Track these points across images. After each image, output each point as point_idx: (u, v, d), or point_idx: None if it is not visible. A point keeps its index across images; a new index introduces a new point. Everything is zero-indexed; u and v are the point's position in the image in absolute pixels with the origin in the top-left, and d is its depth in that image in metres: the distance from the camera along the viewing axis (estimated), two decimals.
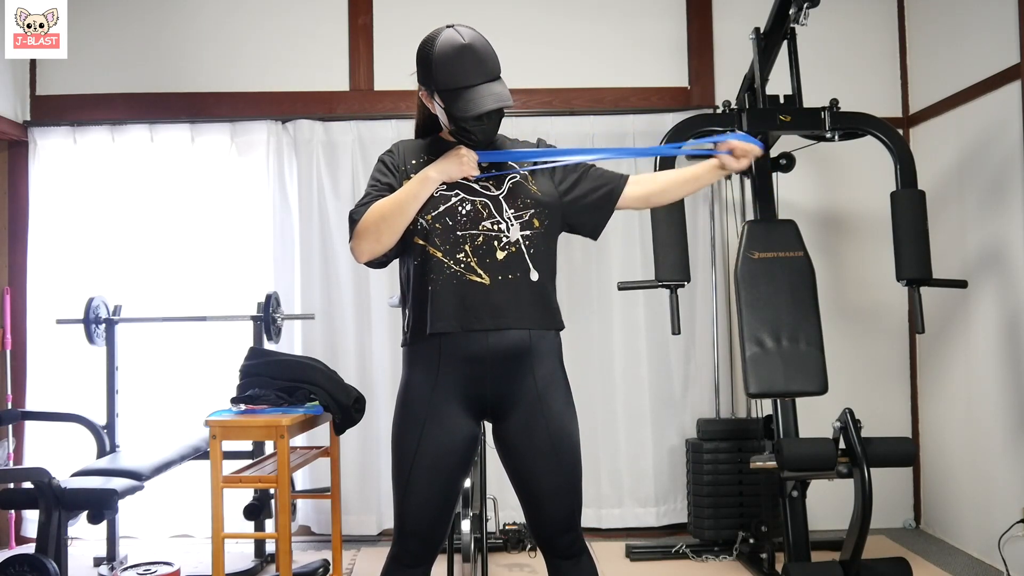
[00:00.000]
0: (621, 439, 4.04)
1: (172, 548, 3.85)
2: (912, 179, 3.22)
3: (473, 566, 2.85)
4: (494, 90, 1.91)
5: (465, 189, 1.96)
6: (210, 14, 4.17)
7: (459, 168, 1.93)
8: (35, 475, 2.77)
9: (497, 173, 1.99)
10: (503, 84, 1.94)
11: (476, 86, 1.90)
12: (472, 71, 1.90)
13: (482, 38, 1.94)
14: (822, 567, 2.87)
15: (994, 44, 3.44)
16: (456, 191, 1.95)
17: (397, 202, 1.91)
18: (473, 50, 1.90)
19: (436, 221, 1.92)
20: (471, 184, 1.97)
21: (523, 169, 2.02)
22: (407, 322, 2.00)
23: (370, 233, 1.92)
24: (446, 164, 1.93)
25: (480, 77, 1.90)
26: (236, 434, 2.85)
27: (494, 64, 1.93)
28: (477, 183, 1.97)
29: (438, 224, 1.92)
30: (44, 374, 4.04)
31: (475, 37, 1.92)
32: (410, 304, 1.99)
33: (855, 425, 2.81)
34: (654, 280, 3.17)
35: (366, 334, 4.04)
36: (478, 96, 1.90)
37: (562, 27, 4.15)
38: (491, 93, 1.90)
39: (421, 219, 1.93)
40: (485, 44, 1.93)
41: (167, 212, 4.11)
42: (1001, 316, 3.44)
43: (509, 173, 1.99)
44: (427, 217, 1.93)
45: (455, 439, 1.93)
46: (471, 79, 1.90)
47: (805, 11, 3.14)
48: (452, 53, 1.90)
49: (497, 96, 1.90)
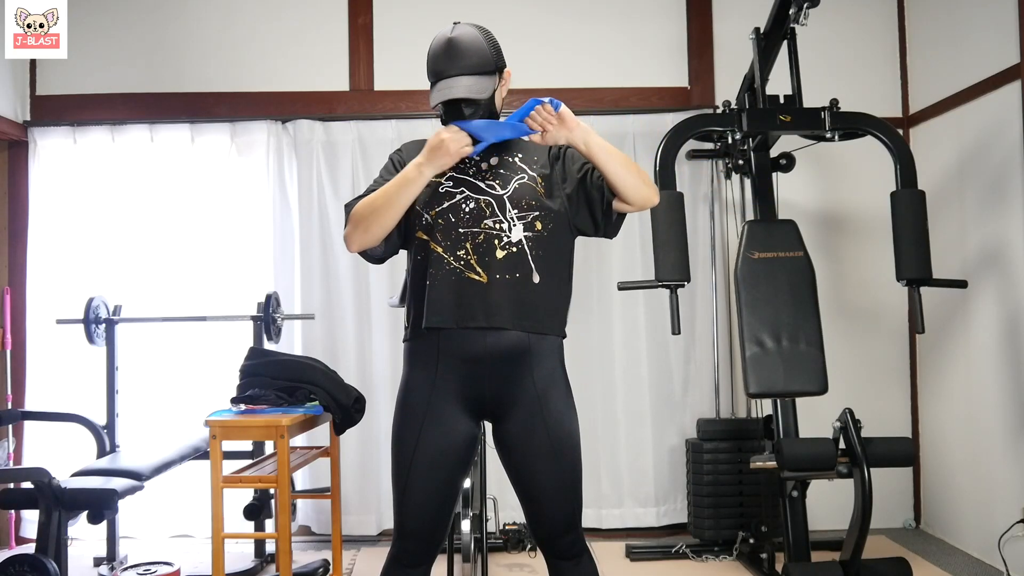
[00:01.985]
0: (621, 439, 4.03)
1: (172, 548, 3.85)
2: (912, 179, 3.22)
3: (473, 566, 2.85)
4: (464, 83, 1.91)
5: (471, 187, 1.96)
6: (210, 14, 4.17)
7: (448, 154, 1.88)
8: (35, 475, 2.77)
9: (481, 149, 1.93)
10: (483, 80, 1.93)
11: (448, 77, 1.91)
12: (448, 63, 1.91)
13: (474, 34, 1.94)
14: (822, 567, 2.87)
15: (994, 44, 3.44)
16: (461, 188, 1.95)
17: (386, 193, 1.92)
18: (455, 43, 1.91)
19: (439, 217, 1.93)
20: (476, 182, 1.96)
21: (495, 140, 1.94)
22: (408, 317, 2.01)
23: (360, 222, 1.93)
24: (434, 155, 1.89)
25: (455, 70, 1.91)
26: (236, 434, 2.85)
27: (477, 59, 1.92)
28: (483, 181, 1.97)
29: (441, 220, 1.93)
30: (44, 374, 4.03)
31: (465, 32, 1.93)
32: (409, 299, 2.00)
33: (855, 425, 2.81)
34: (654, 280, 3.16)
35: (366, 334, 4.04)
36: (446, 87, 1.91)
37: (562, 27, 4.15)
38: (459, 85, 1.90)
39: (425, 214, 1.94)
40: (474, 40, 1.93)
41: (167, 212, 4.11)
42: (1001, 316, 3.44)
43: (516, 173, 1.98)
44: (431, 212, 1.93)
45: (454, 439, 1.93)
46: (447, 71, 1.91)
47: (805, 11, 3.14)
48: (436, 46, 1.94)
49: (465, 88, 1.90)
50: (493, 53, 1.97)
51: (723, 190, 4.10)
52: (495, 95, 1.99)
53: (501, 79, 2.01)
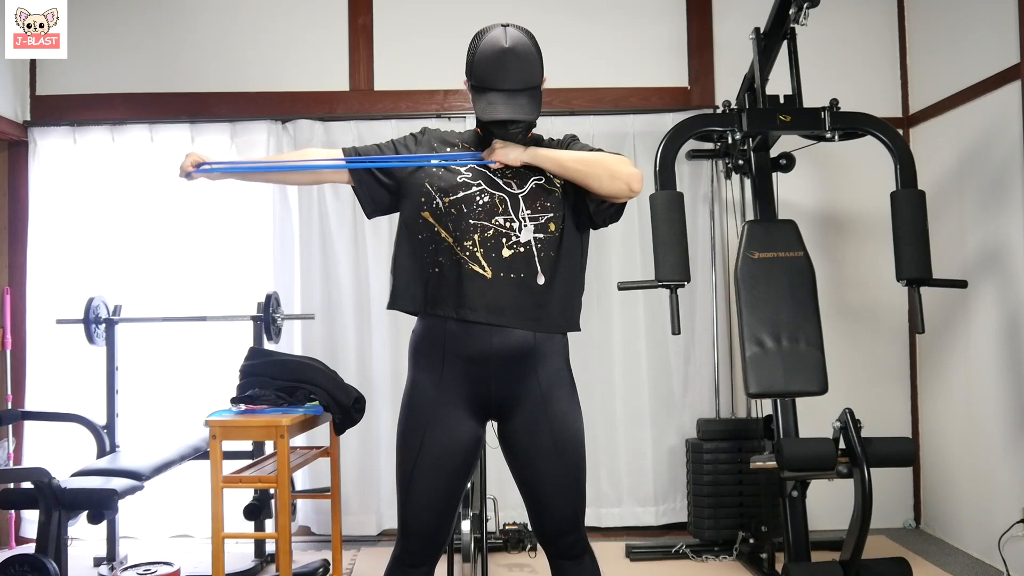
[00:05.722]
0: (621, 439, 4.04)
1: (172, 548, 3.85)
2: (912, 179, 3.21)
3: (473, 566, 2.85)
4: (517, 100, 1.89)
5: (488, 181, 1.95)
6: (210, 14, 4.17)
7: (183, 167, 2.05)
8: (35, 475, 2.77)
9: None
10: (533, 96, 1.91)
11: (500, 91, 1.89)
12: (501, 76, 1.89)
13: (528, 46, 1.91)
14: (822, 567, 2.87)
15: (994, 44, 3.44)
16: (479, 181, 1.95)
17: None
18: (512, 55, 1.88)
19: (452, 206, 1.92)
20: (494, 178, 1.96)
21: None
22: (393, 286, 1.99)
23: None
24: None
25: (508, 84, 1.89)
26: (236, 434, 2.85)
27: (530, 74, 1.91)
28: (501, 178, 1.96)
29: (453, 209, 1.92)
30: (44, 374, 4.03)
31: (520, 42, 1.90)
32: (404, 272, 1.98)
33: (855, 425, 2.81)
34: (654, 280, 3.16)
35: (366, 334, 4.04)
36: (499, 102, 1.89)
37: (562, 27, 4.15)
38: (512, 103, 1.89)
39: (439, 199, 1.93)
40: (528, 52, 1.90)
41: (167, 212, 4.11)
42: (1001, 316, 3.44)
43: (534, 174, 1.97)
44: (445, 200, 1.92)
45: (459, 440, 1.94)
46: (499, 83, 1.89)
47: (805, 11, 3.14)
48: (491, 53, 1.89)
49: (516, 108, 1.88)
50: (541, 63, 1.95)
51: (723, 190, 4.10)
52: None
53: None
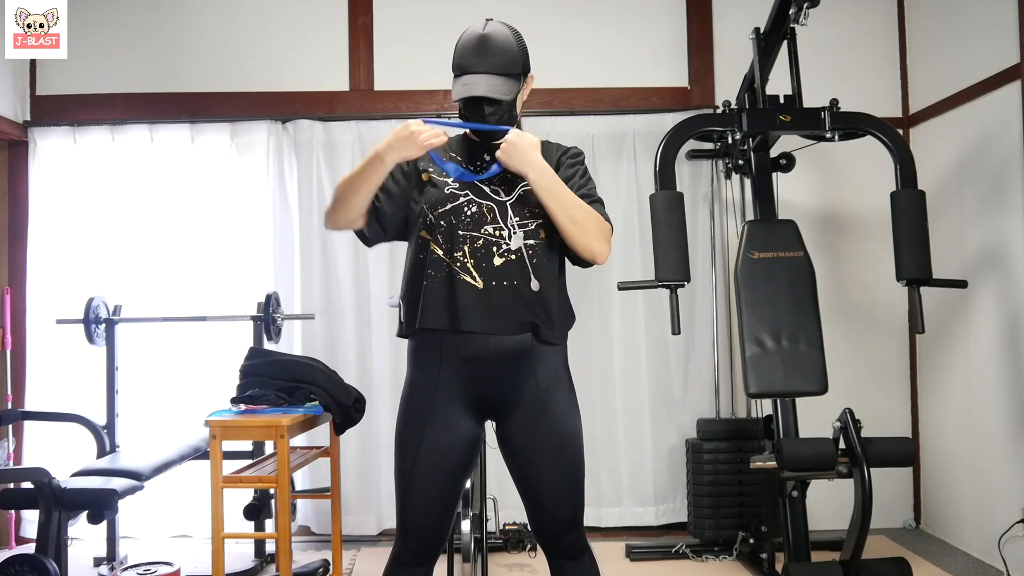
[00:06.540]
0: (620, 439, 4.04)
1: (172, 548, 3.85)
2: (912, 179, 3.21)
3: (473, 566, 2.85)
4: (489, 81, 1.90)
5: (475, 191, 1.95)
6: (210, 14, 4.17)
7: (415, 145, 1.88)
8: (35, 475, 2.77)
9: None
10: (508, 81, 1.93)
11: (474, 73, 1.91)
12: (475, 59, 1.91)
13: (506, 34, 1.94)
14: (822, 567, 2.87)
15: (994, 44, 3.44)
16: (465, 191, 1.95)
17: (350, 178, 1.94)
18: (486, 40, 1.91)
19: (441, 219, 1.93)
20: (481, 187, 1.96)
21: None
22: (401, 313, 2.01)
23: (334, 202, 1.97)
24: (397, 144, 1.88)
25: (481, 67, 1.91)
26: (236, 434, 2.85)
27: (506, 59, 1.92)
28: (488, 186, 1.96)
29: (443, 222, 1.92)
30: (44, 374, 4.03)
31: (497, 31, 1.93)
32: (404, 294, 2.00)
33: (855, 425, 2.81)
34: (654, 280, 3.16)
35: (366, 334, 4.04)
36: (470, 83, 1.91)
37: (562, 27, 4.15)
38: (484, 83, 1.90)
39: (430, 214, 1.93)
40: (505, 39, 1.93)
41: (167, 212, 4.11)
42: (1001, 316, 3.44)
43: (521, 180, 1.96)
44: (434, 213, 1.93)
45: (457, 439, 1.93)
46: (473, 66, 1.91)
47: (805, 11, 3.14)
48: (466, 39, 1.93)
49: (488, 86, 1.90)
50: (521, 56, 1.97)
51: (723, 190, 4.10)
52: (517, 98, 1.99)
53: (524, 82, 2.01)
